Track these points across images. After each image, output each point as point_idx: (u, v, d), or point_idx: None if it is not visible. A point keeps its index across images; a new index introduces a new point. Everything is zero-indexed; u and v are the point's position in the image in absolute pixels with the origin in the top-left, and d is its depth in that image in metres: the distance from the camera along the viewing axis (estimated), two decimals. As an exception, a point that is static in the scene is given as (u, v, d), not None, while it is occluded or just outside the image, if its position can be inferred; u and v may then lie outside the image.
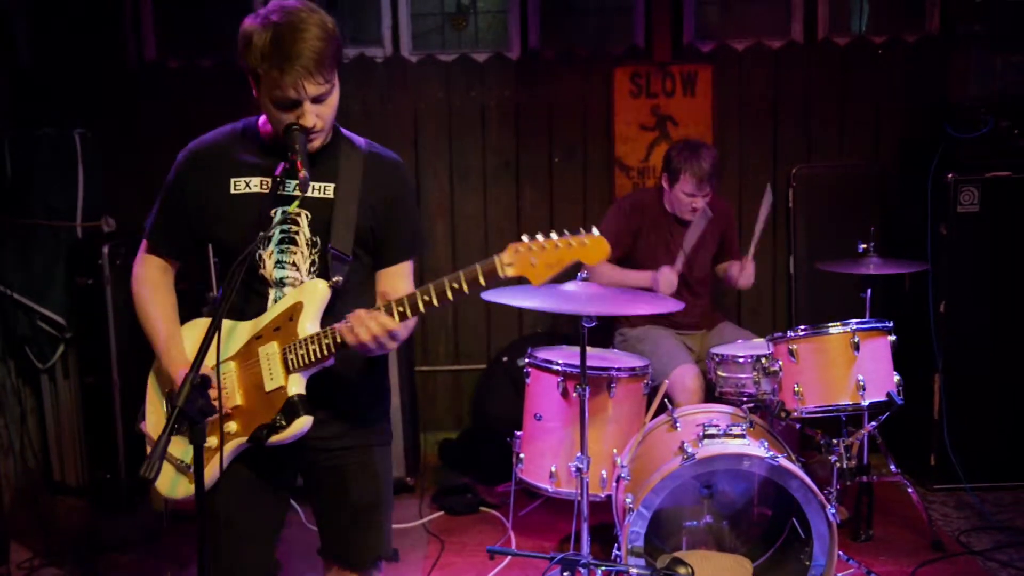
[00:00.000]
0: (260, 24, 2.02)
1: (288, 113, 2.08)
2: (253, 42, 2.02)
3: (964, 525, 3.91)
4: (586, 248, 2.13)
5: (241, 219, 2.16)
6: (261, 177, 2.19)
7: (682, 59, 4.79)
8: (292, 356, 2.13)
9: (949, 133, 4.17)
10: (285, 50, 1.99)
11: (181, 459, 2.25)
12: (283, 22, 2.00)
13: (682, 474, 3.00)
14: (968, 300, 4.17)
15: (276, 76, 2.01)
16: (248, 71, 2.08)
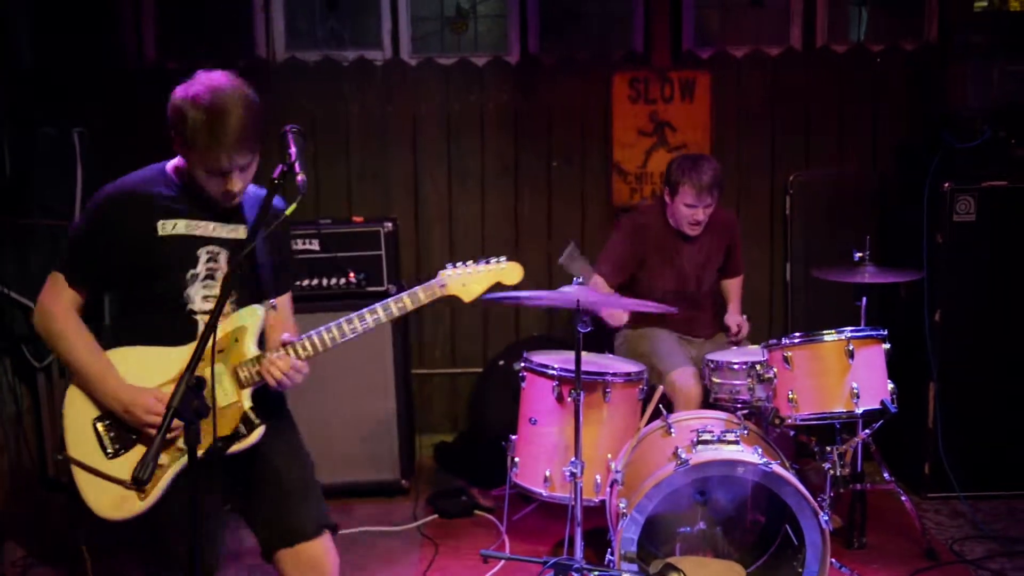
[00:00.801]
0: (191, 103, 2.25)
1: (217, 179, 2.33)
2: (187, 121, 2.25)
3: (957, 534, 3.91)
4: (503, 271, 2.65)
5: (169, 259, 2.38)
6: (186, 220, 2.40)
7: (681, 65, 4.80)
8: (245, 374, 2.41)
9: (946, 142, 4.17)
10: (216, 132, 2.24)
11: (126, 479, 2.33)
12: (213, 106, 2.24)
13: (676, 480, 3.00)
14: (963, 309, 4.16)
15: (208, 152, 2.26)
16: (180, 143, 2.31)
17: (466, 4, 4.92)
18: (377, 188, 4.86)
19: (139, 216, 2.37)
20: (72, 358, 2.38)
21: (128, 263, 2.37)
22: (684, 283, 4.10)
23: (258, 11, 4.78)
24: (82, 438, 2.38)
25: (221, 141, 2.24)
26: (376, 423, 4.30)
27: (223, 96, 2.26)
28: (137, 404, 2.33)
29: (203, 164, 2.30)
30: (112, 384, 2.35)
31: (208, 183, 2.34)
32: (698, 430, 3.16)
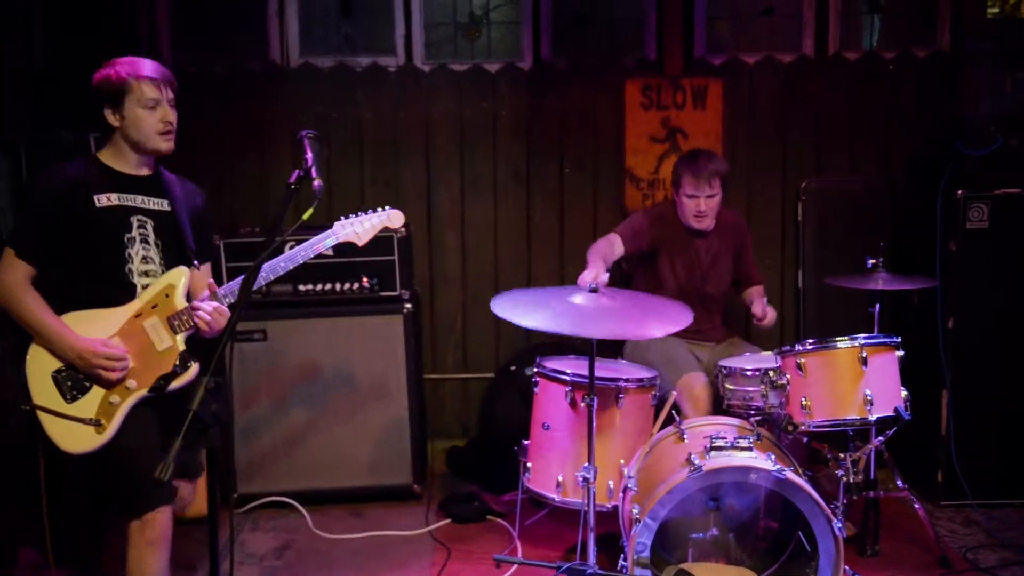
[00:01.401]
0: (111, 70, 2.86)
1: (153, 113, 2.85)
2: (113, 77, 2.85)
3: (971, 542, 3.89)
4: (389, 218, 3.31)
5: (108, 227, 2.85)
6: (118, 193, 2.88)
7: (693, 72, 4.81)
8: (178, 322, 2.86)
9: (959, 150, 4.16)
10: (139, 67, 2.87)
11: (89, 417, 2.79)
12: (129, 60, 2.89)
13: (689, 486, 3.00)
14: (977, 317, 4.15)
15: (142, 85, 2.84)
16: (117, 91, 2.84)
17: (479, 11, 4.93)
18: (390, 193, 4.87)
19: (78, 193, 2.82)
20: (31, 319, 2.79)
21: (73, 233, 2.81)
22: (693, 279, 4.11)
23: (272, 16, 4.80)
24: (44, 388, 2.80)
25: (147, 69, 2.86)
26: (388, 428, 4.30)
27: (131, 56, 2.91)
28: (89, 351, 2.76)
29: (140, 101, 2.83)
30: (68, 338, 2.78)
31: (147, 121, 2.85)
32: (711, 436, 3.15)
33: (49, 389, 2.80)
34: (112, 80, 2.84)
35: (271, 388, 4.26)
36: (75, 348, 2.77)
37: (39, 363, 2.81)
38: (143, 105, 2.84)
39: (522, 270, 4.95)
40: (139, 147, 2.90)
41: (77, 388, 2.81)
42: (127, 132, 2.88)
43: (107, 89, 2.84)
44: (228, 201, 4.82)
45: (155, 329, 2.87)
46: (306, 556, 3.87)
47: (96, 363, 2.77)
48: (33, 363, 2.82)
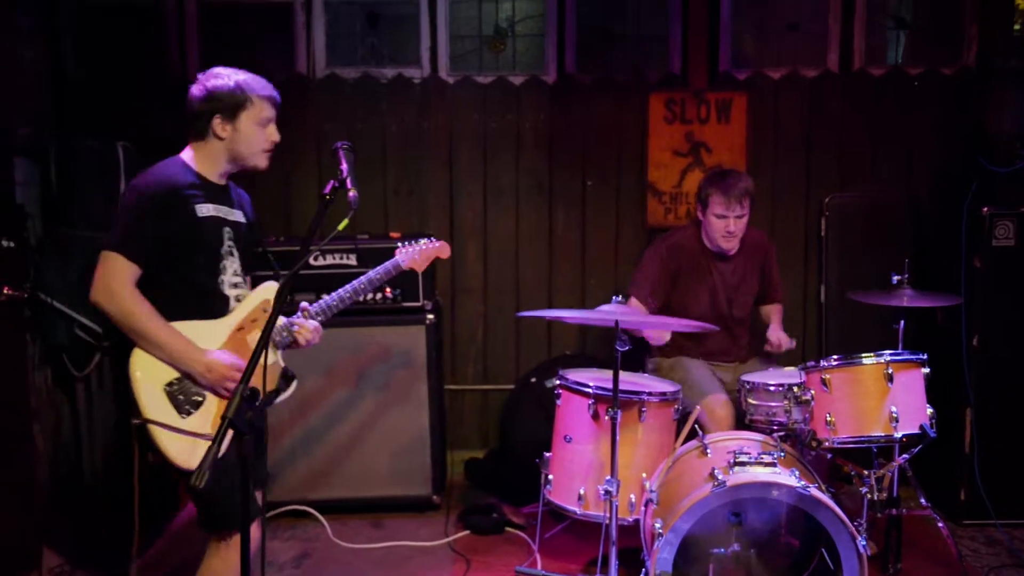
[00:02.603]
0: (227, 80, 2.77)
1: (263, 131, 2.81)
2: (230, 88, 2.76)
3: (994, 562, 3.87)
4: (440, 248, 3.43)
5: (208, 236, 2.75)
6: (213, 204, 2.79)
7: (717, 86, 4.82)
8: (279, 338, 2.86)
9: (985, 167, 4.15)
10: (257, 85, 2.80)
11: (207, 432, 2.64)
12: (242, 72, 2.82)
13: (712, 501, 2.98)
14: (1002, 334, 4.13)
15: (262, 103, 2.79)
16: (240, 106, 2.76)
17: (504, 24, 4.95)
18: (413, 204, 4.89)
19: (181, 200, 2.68)
20: (147, 328, 2.61)
21: (176, 241, 2.67)
22: (718, 306, 4.09)
23: (299, 28, 4.83)
24: (156, 402, 2.62)
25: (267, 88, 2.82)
26: (409, 438, 4.31)
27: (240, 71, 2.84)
28: (220, 364, 2.66)
29: (258, 117, 2.77)
30: (194, 350, 2.66)
31: (258, 138, 2.79)
32: (735, 451, 3.14)
33: (162, 403, 2.63)
34: (233, 92, 2.75)
35: (292, 396, 4.24)
36: (203, 361, 2.65)
37: (149, 374, 2.63)
38: (258, 122, 2.78)
39: (543, 282, 4.95)
40: (240, 160, 2.83)
41: (189, 403, 2.66)
42: (234, 145, 2.78)
43: (225, 100, 2.74)
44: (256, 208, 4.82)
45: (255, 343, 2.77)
46: (325, 565, 3.88)
47: (228, 376, 2.67)
48: (142, 374, 2.63)
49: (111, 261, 2.61)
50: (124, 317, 2.60)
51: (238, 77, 2.77)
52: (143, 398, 2.62)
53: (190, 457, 2.62)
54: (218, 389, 2.69)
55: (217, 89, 2.75)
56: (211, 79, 2.77)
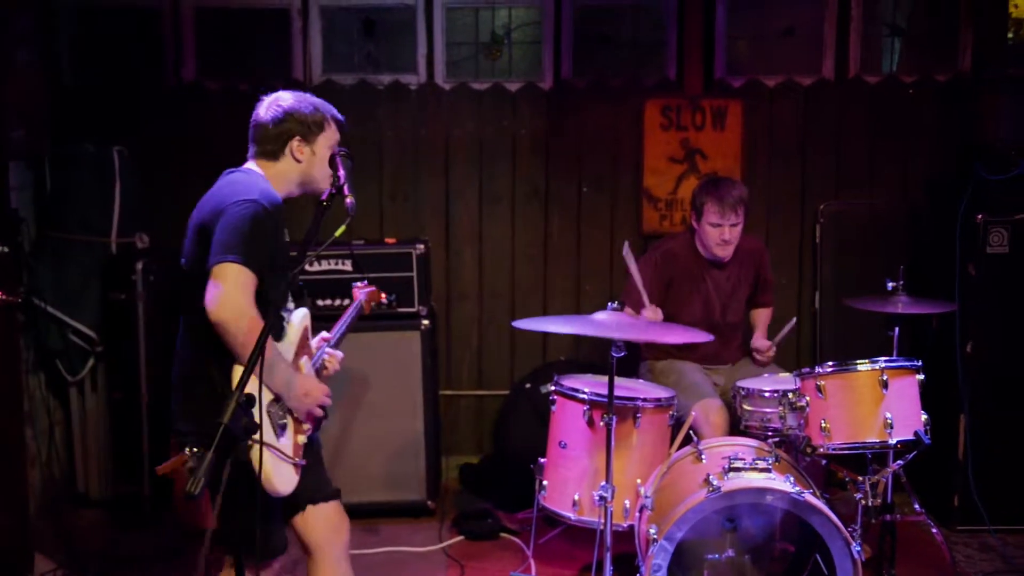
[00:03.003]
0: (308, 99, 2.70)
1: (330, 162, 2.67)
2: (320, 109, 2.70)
3: (987, 567, 3.88)
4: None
5: (288, 259, 2.63)
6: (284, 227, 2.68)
7: (713, 93, 4.83)
8: (316, 364, 2.76)
9: (979, 174, 4.16)
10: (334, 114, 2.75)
11: (291, 456, 2.55)
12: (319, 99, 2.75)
13: (707, 507, 2.99)
14: (996, 341, 4.15)
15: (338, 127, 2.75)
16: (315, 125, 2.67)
17: (500, 30, 4.95)
18: (408, 210, 4.89)
19: (279, 219, 2.57)
20: (271, 349, 2.45)
21: (273, 261, 2.52)
22: (711, 312, 4.09)
23: (296, 34, 4.83)
24: (264, 423, 2.44)
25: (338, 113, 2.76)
26: (403, 443, 4.30)
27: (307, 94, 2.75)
28: (318, 391, 2.61)
29: (329, 142, 2.70)
30: (293, 371, 2.57)
31: (323, 166, 2.68)
32: (729, 457, 3.15)
33: (266, 424, 2.45)
34: (313, 115, 2.66)
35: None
36: (304, 386, 2.57)
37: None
38: (330, 145, 2.70)
39: (538, 288, 4.95)
40: (310, 184, 2.71)
41: (281, 424, 2.53)
42: (309, 168, 2.68)
43: (306, 122, 2.65)
44: (248, 215, 4.84)
45: (309, 369, 2.71)
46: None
47: (321, 401, 2.61)
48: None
49: (238, 273, 2.39)
50: (249, 334, 2.33)
51: (312, 99, 2.70)
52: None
53: (283, 480, 2.50)
54: (311, 412, 2.60)
55: (297, 110, 2.65)
56: (284, 100, 2.67)
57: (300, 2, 4.81)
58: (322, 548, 2.75)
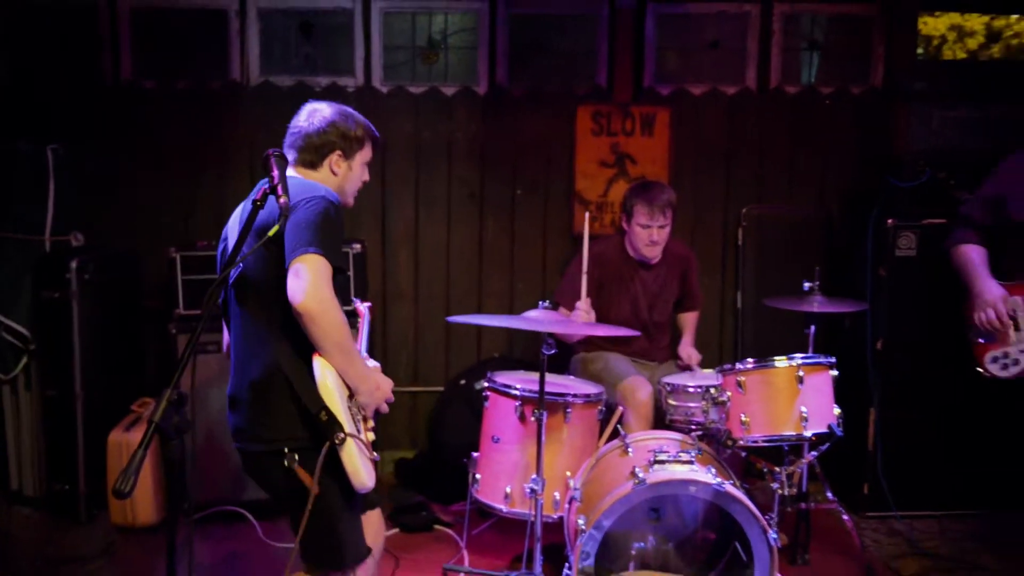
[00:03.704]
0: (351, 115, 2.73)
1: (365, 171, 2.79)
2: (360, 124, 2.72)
3: (894, 551, 3.99)
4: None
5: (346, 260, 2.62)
6: None
7: (642, 101, 4.89)
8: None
9: (890, 181, 4.28)
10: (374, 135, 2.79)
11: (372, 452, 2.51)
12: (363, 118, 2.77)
13: (633, 498, 3.03)
14: (904, 339, 4.25)
15: (375, 144, 2.80)
16: (356, 141, 2.71)
17: (437, 35, 4.97)
18: (345, 212, 4.85)
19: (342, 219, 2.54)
20: (348, 340, 2.42)
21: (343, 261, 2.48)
22: (639, 311, 4.16)
23: (234, 35, 4.79)
24: (347, 417, 2.41)
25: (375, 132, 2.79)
26: (340, 439, 4.29)
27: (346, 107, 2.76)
28: (388, 386, 2.61)
29: (365, 159, 2.74)
30: (366, 366, 2.55)
31: (360, 177, 2.76)
32: (655, 450, 3.19)
33: (349, 418, 2.42)
34: (356, 131, 2.69)
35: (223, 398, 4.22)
36: (374, 379, 2.55)
37: (339, 388, 2.42)
38: (364, 162, 2.75)
39: (474, 288, 4.98)
40: (341, 197, 2.66)
41: (358, 419, 2.49)
42: (344, 183, 2.70)
43: (349, 136, 2.67)
44: (186, 214, 4.79)
45: (374, 364, 2.70)
46: (254, 564, 3.85)
47: (388, 397, 2.60)
48: (336, 388, 2.41)
49: (320, 265, 2.34)
50: (333, 327, 2.35)
51: (355, 115, 2.71)
52: (340, 411, 2.39)
53: (367, 475, 2.45)
54: (379, 407, 2.59)
55: (343, 125, 2.66)
56: (327, 112, 2.67)
57: (238, 3, 4.77)
58: None
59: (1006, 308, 3.30)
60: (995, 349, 3.38)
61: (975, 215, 3.51)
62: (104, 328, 4.29)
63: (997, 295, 3.32)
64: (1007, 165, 3.46)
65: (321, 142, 2.65)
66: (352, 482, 2.42)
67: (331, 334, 2.36)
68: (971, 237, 3.50)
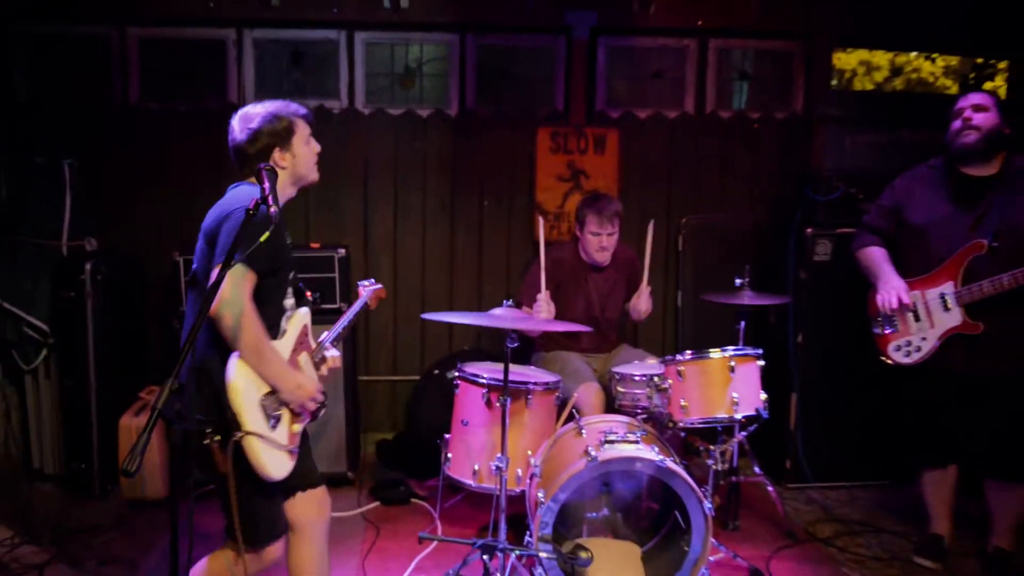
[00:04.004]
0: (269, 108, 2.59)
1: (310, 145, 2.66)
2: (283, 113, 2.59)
3: (811, 518, 4.04)
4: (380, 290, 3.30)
5: (289, 262, 2.61)
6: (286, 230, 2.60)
7: (594, 123, 4.89)
8: (317, 359, 2.67)
9: (809, 195, 4.32)
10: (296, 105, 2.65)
11: (285, 444, 2.47)
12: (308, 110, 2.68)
13: (586, 474, 3.03)
14: (821, 332, 4.30)
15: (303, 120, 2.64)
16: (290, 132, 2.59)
17: (413, 64, 4.95)
18: (332, 220, 4.83)
19: (280, 226, 2.49)
20: (263, 343, 2.39)
21: (277, 262, 2.48)
22: (591, 309, 4.18)
23: (231, 61, 4.75)
24: (254, 415, 2.38)
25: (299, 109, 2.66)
26: (326, 422, 4.27)
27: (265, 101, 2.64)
28: (313, 387, 2.51)
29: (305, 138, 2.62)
30: (288, 367, 2.46)
31: (309, 155, 2.64)
32: (605, 431, 3.21)
33: (258, 416, 2.39)
34: (282, 122, 2.58)
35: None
36: (296, 379, 2.46)
37: (249, 387, 2.38)
38: (305, 141, 2.63)
39: (445, 288, 4.97)
40: (301, 180, 2.65)
41: (275, 415, 2.45)
42: (293, 168, 2.62)
43: (277, 132, 2.57)
44: (188, 222, 4.71)
45: (307, 365, 2.62)
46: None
47: (313, 396, 2.51)
48: (245, 388, 2.37)
49: (237, 274, 2.34)
50: (244, 331, 2.33)
51: (275, 107, 2.59)
52: (244, 410, 2.36)
53: (276, 466, 2.43)
54: (304, 406, 2.51)
55: (268, 125, 2.56)
56: (251, 120, 2.56)
57: (235, 34, 4.73)
58: (306, 527, 2.70)
59: (907, 298, 3.38)
60: (898, 339, 3.45)
61: (876, 222, 3.59)
62: (115, 324, 4.24)
63: (899, 284, 3.40)
64: (902, 180, 3.54)
65: (256, 150, 2.56)
66: (258, 473, 2.39)
67: (241, 337, 2.34)
68: (874, 240, 3.57)
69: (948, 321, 3.34)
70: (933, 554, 3.59)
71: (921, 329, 3.40)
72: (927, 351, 3.38)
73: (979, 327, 3.27)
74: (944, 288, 3.33)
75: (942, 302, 3.34)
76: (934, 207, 3.38)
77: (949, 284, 3.32)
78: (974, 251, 3.27)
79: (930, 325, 3.38)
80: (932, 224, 3.36)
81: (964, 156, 3.31)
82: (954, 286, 3.31)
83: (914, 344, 3.41)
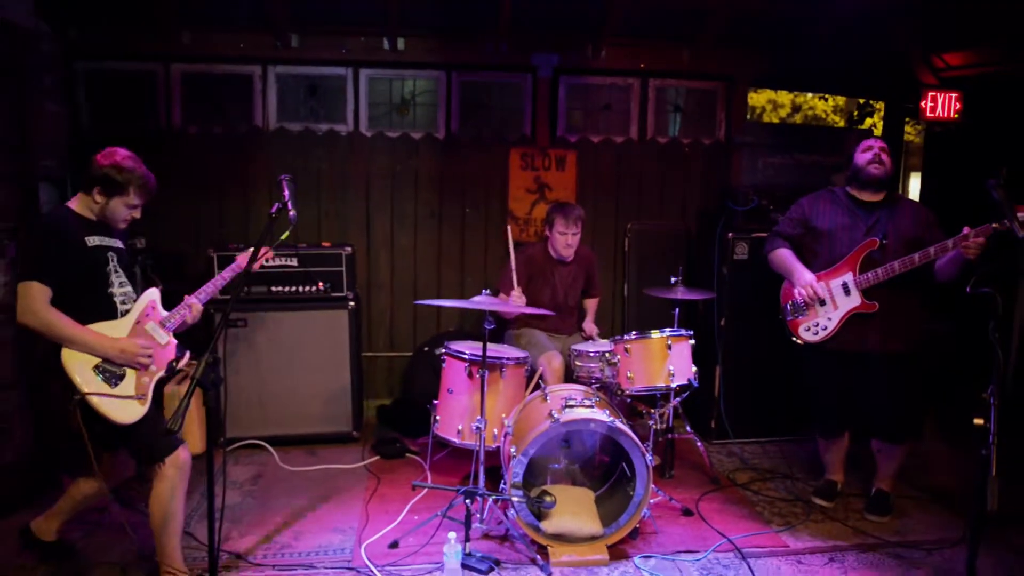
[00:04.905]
0: (126, 164, 2.69)
1: (128, 211, 2.72)
2: (128, 174, 2.68)
3: (731, 467, 4.04)
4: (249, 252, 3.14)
5: (98, 259, 2.64)
6: (98, 236, 2.67)
7: (556, 146, 4.86)
8: (168, 324, 2.77)
9: (729, 206, 4.32)
10: (146, 184, 2.73)
11: (132, 394, 2.60)
12: (140, 167, 2.74)
13: (550, 432, 3.04)
14: (739, 318, 4.30)
15: (139, 194, 2.71)
16: (114, 189, 2.65)
17: (408, 95, 4.87)
18: (339, 224, 4.76)
19: (75, 234, 2.60)
20: (67, 334, 2.51)
21: (75, 263, 2.56)
22: (556, 297, 4.14)
23: (257, 93, 4.63)
24: (89, 380, 2.54)
25: (149, 189, 2.73)
26: (336, 390, 4.21)
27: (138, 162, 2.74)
28: (132, 345, 2.60)
29: (127, 201, 2.68)
30: (106, 339, 2.57)
31: (121, 213, 2.69)
32: (566, 398, 3.21)
33: (95, 380, 2.55)
34: (113, 173, 2.67)
35: (249, 360, 4.10)
36: (116, 346, 2.57)
37: (76, 363, 2.54)
38: (128, 205, 2.72)
39: (434, 281, 4.91)
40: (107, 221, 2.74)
41: (115, 376, 2.59)
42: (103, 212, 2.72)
43: (104, 176, 2.67)
44: (219, 226, 4.63)
45: (155, 331, 2.74)
46: (273, 483, 3.75)
47: (138, 352, 2.60)
48: (71, 364, 2.53)
49: (25, 289, 2.49)
50: (45, 328, 2.49)
51: (129, 168, 2.69)
52: (77, 379, 2.52)
53: (124, 414, 2.57)
54: (133, 364, 2.61)
55: (103, 167, 2.68)
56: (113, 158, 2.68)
57: (261, 70, 4.61)
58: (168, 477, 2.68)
59: (821, 291, 3.37)
60: (807, 320, 3.43)
61: (786, 229, 3.58)
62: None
63: (811, 278, 3.39)
64: (807, 199, 3.55)
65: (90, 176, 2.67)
66: (110, 420, 2.53)
67: (49, 334, 2.50)
68: (783, 244, 3.56)
69: (849, 303, 3.33)
70: (828, 496, 3.59)
71: (827, 311, 3.38)
72: (832, 329, 3.37)
73: (875, 305, 3.27)
74: (846, 278, 3.32)
75: (844, 289, 3.33)
76: (836, 218, 3.39)
77: (849, 274, 3.31)
78: (869, 247, 3.27)
79: (834, 307, 3.37)
80: (835, 229, 3.37)
81: (869, 183, 3.33)
82: (853, 276, 3.30)
83: (820, 324, 3.40)
